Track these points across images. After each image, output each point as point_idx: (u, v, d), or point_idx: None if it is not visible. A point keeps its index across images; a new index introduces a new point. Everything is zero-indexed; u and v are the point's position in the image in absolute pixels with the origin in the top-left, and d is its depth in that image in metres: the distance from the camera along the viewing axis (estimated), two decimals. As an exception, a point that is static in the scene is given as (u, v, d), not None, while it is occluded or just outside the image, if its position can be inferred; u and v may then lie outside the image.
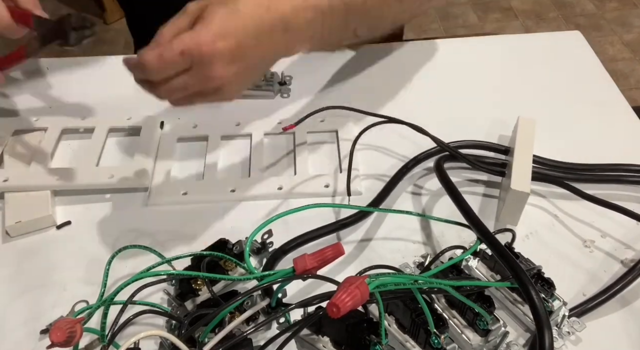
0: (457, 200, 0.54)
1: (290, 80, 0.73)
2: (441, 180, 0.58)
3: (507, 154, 0.64)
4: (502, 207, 0.58)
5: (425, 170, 0.64)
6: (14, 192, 0.60)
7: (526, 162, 0.57)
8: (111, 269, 0.47)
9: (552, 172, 0.62)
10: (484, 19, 2.28)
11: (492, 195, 0.61)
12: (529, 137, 0.60)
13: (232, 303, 0.41)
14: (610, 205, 0.57)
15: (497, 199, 0.61)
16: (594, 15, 2.30)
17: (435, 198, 0.61)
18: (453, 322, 0.48)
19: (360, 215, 0.57)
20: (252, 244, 0.53)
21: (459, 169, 0.64)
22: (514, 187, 0.54)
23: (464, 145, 0.63)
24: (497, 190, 0.62)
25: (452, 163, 0.62)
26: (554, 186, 0.61)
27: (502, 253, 0.47)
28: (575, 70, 0.77)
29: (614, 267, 0.54)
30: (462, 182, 0.63)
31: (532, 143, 0.60)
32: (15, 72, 0.78)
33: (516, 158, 0.58)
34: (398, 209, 0.59)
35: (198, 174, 0.64)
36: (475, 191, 0.62)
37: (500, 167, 0.62)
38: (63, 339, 0.36)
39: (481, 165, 0.62)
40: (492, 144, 0.65)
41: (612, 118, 0.70)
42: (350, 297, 0.36)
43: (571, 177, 0.61)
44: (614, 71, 1.99)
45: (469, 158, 0.61)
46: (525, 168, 0.57)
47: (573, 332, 0.48)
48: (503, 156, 0.64)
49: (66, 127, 0.68)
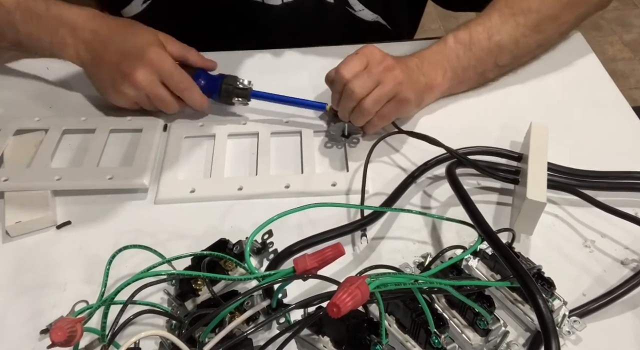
0: (465, 202, 0.53)
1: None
2: (453, 186, 0.56)
3: (520, 161, 0.62)
4: (515, 215, 0.57)
5: (433, 177, 0.63)
6: (14, 192, 0.60)
7: (541, 170, 0.56)
8: (111, 269, 0.47)
9: (565, 179, 0.60)
10: (484, 19, 2.27)
11: (504, 202, 0.61)
12: (543, 144, 0.59)
13: (233, 303, 0.41)
14: (620, 213, 0.56)
15: (509, 207, 0.60)
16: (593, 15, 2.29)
17: (445, 207, 0.60)
18: (453, 321, 0.48)
19: (373, 216, 0.57)
20: (252, 244, 0.53)
21: (467, 175, 0.63)
22: (531, 197, 0.53)
23: (474, 151, 0.62)
24: (509, 197, 0.61)
25: (461, 170, 0.61)
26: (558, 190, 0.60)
27: (509, 258, 0.47)
28: (575, 71, 0.77)
29: (614, 267, 0.54)
30: (472, 189, 0.62)
31: (546, 150, 0.58)
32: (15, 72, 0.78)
33: (531, 166, 0.56)
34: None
35: (205, 172, 0.64)
36: (487, 199, 0.61)
37: (513, 174, 0.60)
38: (64, 339, 0.36)
39: (494, 172, 0.60)
40: (504, 150, 0.63)
41: (612, 118, 0.70)
42: (350, 297, 0.36)
43: (583, 184, 0.60)
44: (614, 71, 1.99)
45: (481, 165, 0.60)
46: (540, 176, 0.55)
47: (573, 331, 0.48)
48: (515, 163, 0.62)
49: (67, 128, 0.68)
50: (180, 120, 0.70)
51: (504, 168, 0.62)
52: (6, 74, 0.78)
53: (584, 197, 0.59)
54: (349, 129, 0.67)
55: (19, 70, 0.78)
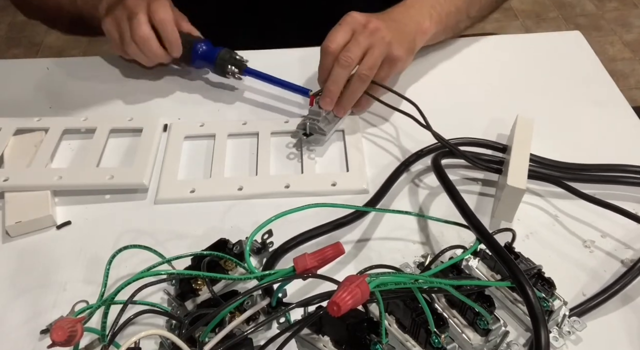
0: (455, 198, 0.54)
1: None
2: (439, 177, 0.58)
3: (505, 152, 0.64)
4: (497, 204, 0.58)
5: (426, 167, 0.64)
6: (14, 192, 0.60)
7: (523, 159, 0.58)
8: (111, 269, 0.47)
9: (549, 171, 0.62)
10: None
11: (488, 193, 0.62)
12: (527, 136, 0.60)
13: (233, 303, 0.41)
14: (607, 204, 0.57)
15: (492, 198, 0.61)
16: (594, 15, 2.30)
17: (434, 196, 0.61)
18: (453, 321, 0.48)
19: (360, 213, 0.57)
20: (252, 243, 0.53)
21: (455, 167, 0.64)
22: (510, 183, 0.54)
23: (462, 142, 0.64)
24: (493, 189, 0.62)
25: (448, 161, 0.63)
26: (554, 186, 0.61)
27: (497, 250, 0.47)
28: (575, 70, 0.77)
29: (614, 267, 0.54)
30: (458, 180, 0.63)
31: (530, 141, 0.60)
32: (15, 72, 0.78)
33: (513, 155, 0.58)
34: (398, 206, 0.60)
35: (205, 172, 0.64)
36: (471, 189, 0.62)
37: (497, 164, 0.62)
38: (64, 338, 0.36)
39: (479, 162, 0.62)
40: (489, 141, 0.65)
41: (612, 118, 0.70)
42: (350, 295, 0.36)
43: (568, 176, 0.61)
44: (614, 71, 1.99)
45: (467, 155, 0.61)
46: (521, 165, 0.57)
47: (573, 331, 0.48)
48: (501, 154, 0.64)
49: (67, 128, 0.68)
50: (180, 121, 0.70)
51: (489, 158, 0.63)
52: (6, 74, 0.78)
53: (568, 188, 0.60)
54: (310, 128, 0.66)
55: (19, 70, 0.78)
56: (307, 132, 0.66)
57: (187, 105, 0.73)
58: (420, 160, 0.64)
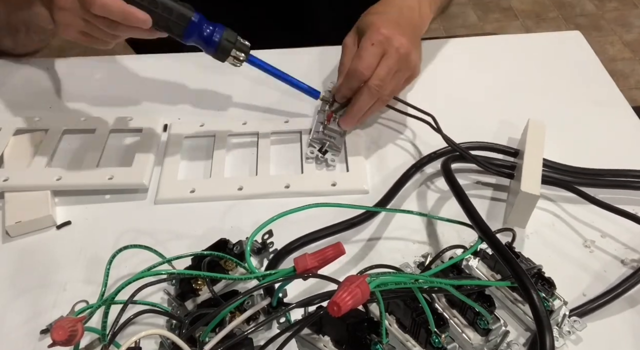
0: (462, 200, 0.54)
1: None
2: (447, 180, 0.57)
3: (517, 157, 0.63)
4: (509, 210, 0.57)
5: (435, 170, 0.64)
6: (14, 192, 0.60)
7: (536, 165, 0.57)
8: (111, 269, 0.47)
9: (561, 176, 0.61)
10: (484, 19, 2.28)
11: (500, 198, 0.61)
12: (539, 140, 0.60)
13: (233, 303, 0.41)
14: (619, 211, 0.57)
15: (504, 203, 0.61)
16: (594, 15, 2.30)
17: (443, 199, 0.61)
18: (454, 321, 0.48)
19: (368, 214, 0.57)
20: (252, 244, 0.53)
21: (467, 171, 0.63)
22: (525, 189, 0.53)
23: (473, 146, 0.63)
24: (504, 194, 0.61)
25: (460, 165, 0.62)
26: (554, 186, 0.60)
27: (503, 254, 0.47)
28: (575, 70, 0.77)
29: (615, 267, 0.54)
30: (469, 184, 0.63)
31: (542, 146, 0.59)
32: (15, 72, 0.78)
33: (526, 161, 0.57)
34: (405, 208, 0.60)
35: (205, 172, 0.64)
36: (482, 194, 0.62)
37: (509, 169, 0.61)
38: (64, 338, 0.36)
39: (490, 167, 0.60)
40: (501, 145, 0.64)
41: (612, 118, 0.70)
42: (351, 296, 0.36)
43: (580, 181, 0.61)
44: (614, 71, 1.99)
45: (479, 159, 0.60)
46: (535, 171, 0.56)
47: (573, 331, 0.48)
48: (512, 158, 0.63)
49: (67, 128, 0.68)
50: (180, 121, 0.70)
51: (500, 163, 0.62)
52: (6, 74, 0.78)
53: (580, 194, 0.59)
54: (328, 146, 0.65)
55: (19, 70, 0.78)
56: (324, 149, 0.65)
57: (187, 105, 0.73)
58: (431, 163, 0.63)
